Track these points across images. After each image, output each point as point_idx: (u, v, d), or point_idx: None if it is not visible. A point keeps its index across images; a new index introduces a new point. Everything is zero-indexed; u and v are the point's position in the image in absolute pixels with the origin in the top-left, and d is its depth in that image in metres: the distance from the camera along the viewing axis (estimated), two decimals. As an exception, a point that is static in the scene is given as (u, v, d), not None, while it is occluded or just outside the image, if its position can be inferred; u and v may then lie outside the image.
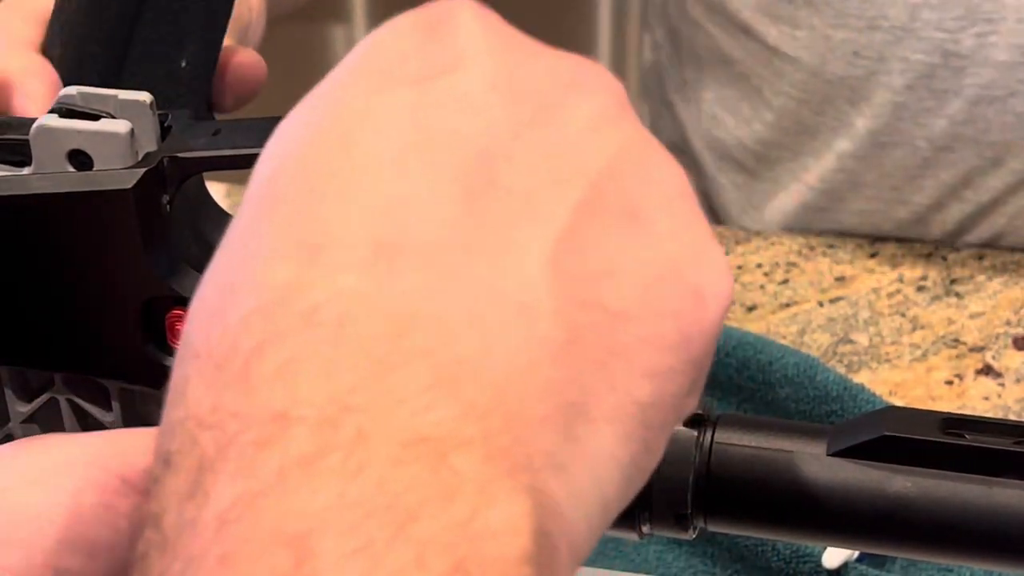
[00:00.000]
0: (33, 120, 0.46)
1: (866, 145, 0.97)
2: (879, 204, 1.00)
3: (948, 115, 0.94)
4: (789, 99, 0.99)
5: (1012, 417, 0.82)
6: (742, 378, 0.82)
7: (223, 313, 0.29)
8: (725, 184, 1.07)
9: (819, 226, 1.02)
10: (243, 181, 0.41)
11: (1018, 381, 0.84)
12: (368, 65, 0.33)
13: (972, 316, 0.89)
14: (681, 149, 1.10)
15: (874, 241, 0.97)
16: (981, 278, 0.92)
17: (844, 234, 1.00)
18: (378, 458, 0.26)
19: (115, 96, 0.48)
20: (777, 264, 0.95)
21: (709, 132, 1.06)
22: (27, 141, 0.47)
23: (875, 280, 0.93)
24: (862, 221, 1.01)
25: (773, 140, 1.02)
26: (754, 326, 0.90)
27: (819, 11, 0.95)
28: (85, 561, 0.37)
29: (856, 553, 0.71)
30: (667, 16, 1.09)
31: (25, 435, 0.54)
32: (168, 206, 0.48)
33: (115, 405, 0.53)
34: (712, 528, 0.49)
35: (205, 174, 0.49)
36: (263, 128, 0.47)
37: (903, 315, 0.90)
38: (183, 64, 0.61)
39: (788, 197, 1.03)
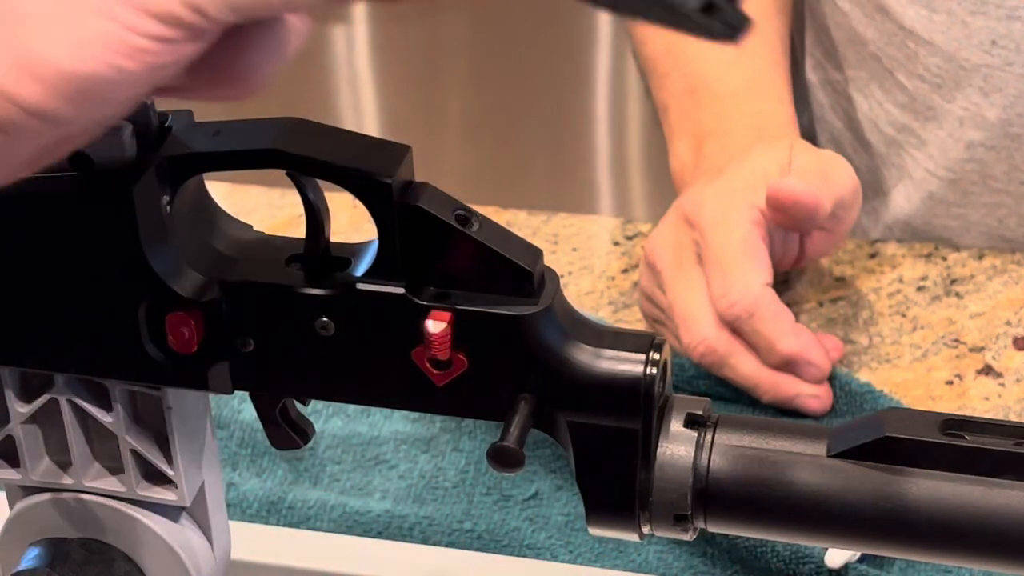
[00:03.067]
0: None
1: (998, 136, 0.96)
2: (1007, 198, 0.98)
3: None
4: (922, 82, 0.98)
5: (1012, 417, 0.82)
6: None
7: None
8: (859, 167, 1.05)
9: (944, 218, 1.01)
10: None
11: (1018, 381, 0.84)
12: None
13: (972, 316, 0.89)
14: (828, 132, 1.09)
15: (874, 241, 0.97)
16: (981, 278, 0.92)
17: (970, 228, 1.00)
18: None
19: (115, 97, 0.48)
20: (780, 273, 0.95)
21: (846, 113, 1.05)
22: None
23: (875, 280, 0.93)
24: (987, 214, 0.99)
25: (905, 124, 1.01)
26: (754, 326, 0.90)
27: None
28: None
29: (858, 554, 0.71)
30: None
31: (25, 435, 0.54)
32: (168, 206, 0.48)
33: (116, 405, 0.53)
34: (712, 529, 0.49)
35: (205, 174, 0.49)
36: (263, 129, 0.47)
37: (903, 315, 0.90)
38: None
39: (914, 185, 1.02)
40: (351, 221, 0.62)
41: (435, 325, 0.47)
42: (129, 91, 0.39)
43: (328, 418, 0.82)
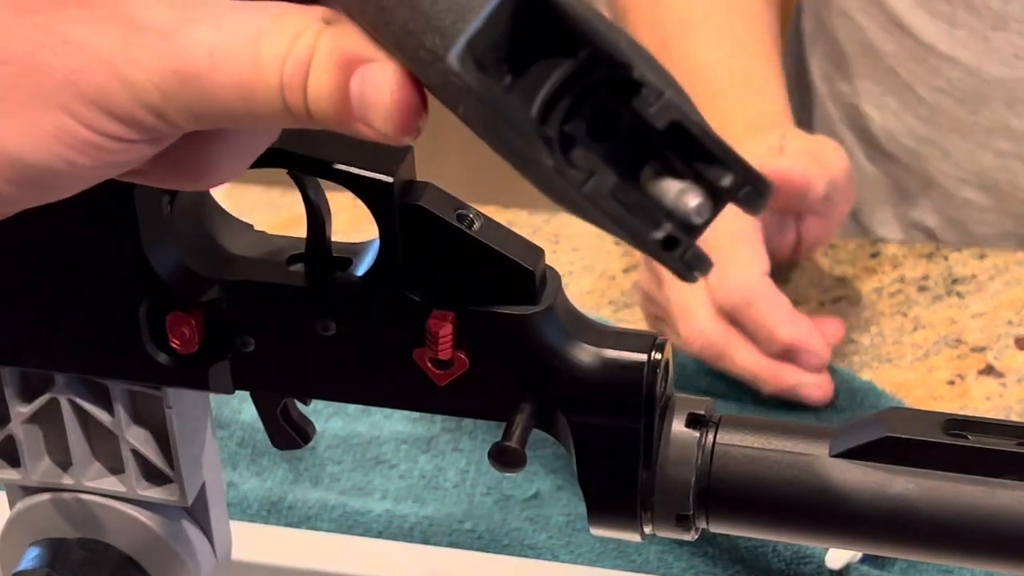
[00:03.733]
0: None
1: None
2: None
3: None
4: (944, 95, 0.98)
5: (1014, 417, 0.82)
6: (743, 378, 0.82)
7: None
8: (878, 175, 1.05)
9: (980, 226, 1.01)
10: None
11: (1020, 381, 0.84)
12: None
13: (974, 316, 0.89)
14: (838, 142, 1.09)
15: (875, 241, 0.97)
16: (983, 278, 0.92)
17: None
18: None
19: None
20: (778, 264, 0.95)
21: (856, 123, 1.05)
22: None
23: (876, 280, 0.93)
24: (1020, 224, 0.99)
25: (926, 136, 1.01)
26: (755, 326, 0.89)
27: (979, 13, 0.94)
28: None
29: (859, 554, 0.70)
30: (815, 4, 1.08)
31: (25, 436, 0.54)
32: (168, 206, 0.48)
33: (116, 405, 0.52)
34: (714, 529, 0.49)
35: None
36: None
37: (904, 315, 0.90)
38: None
39: (943, 194, 1.02)
40: (351, 221, 0.62)
41: (436, 325, 0.46)
42: (79, 182, 0.37)
43: (328, 418, 0.82)
